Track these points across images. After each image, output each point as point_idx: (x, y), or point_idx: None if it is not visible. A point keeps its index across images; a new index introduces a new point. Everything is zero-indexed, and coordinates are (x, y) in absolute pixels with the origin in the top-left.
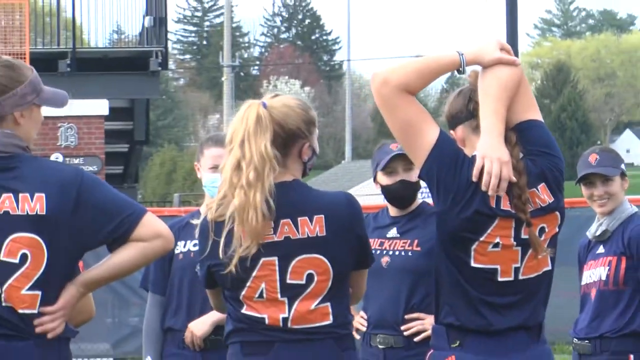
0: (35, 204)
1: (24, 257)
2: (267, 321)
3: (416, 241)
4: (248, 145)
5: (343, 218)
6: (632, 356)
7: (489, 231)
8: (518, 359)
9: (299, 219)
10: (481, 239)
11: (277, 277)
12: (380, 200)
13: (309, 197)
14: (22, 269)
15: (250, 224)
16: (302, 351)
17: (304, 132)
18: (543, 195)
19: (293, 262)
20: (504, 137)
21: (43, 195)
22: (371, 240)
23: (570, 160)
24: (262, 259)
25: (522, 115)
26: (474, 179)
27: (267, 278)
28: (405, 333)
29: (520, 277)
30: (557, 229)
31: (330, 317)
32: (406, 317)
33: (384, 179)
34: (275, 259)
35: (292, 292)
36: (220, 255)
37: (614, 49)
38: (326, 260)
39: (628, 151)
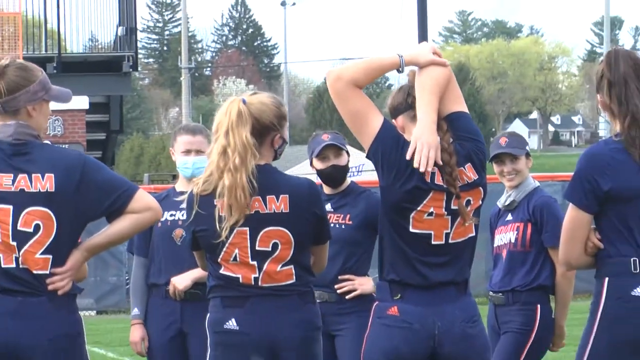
0: (45, 183)
1: (37, 227)
2: (241, 280)
3: (348, 215)
4: (232, 134)
5: (304, 199)
6: (539, 306)
7: (424, 202)
8: (449, 308)
9: (267, 197)
10: (418, 208)
11: (248, 244)
12: (315, 180)
13: (277, 180)
14: (36, 236)
15: (239, 201)
16: (272, 303)
17: (276, 125)
18: (469, 173)
19: (261, 233)
20: (437, 125)
21: (52, 175)
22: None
23: None
24: (237, 229)
25: (452, 107)
26: (408, 157)
27: (240, 245)
28: (338, 291)
29: (450, 241)
30: (480, 202)
31: (294, 277)
32: (340, 277)
33: (318, 164)
34: (247, 229)
35: (260, 257)
36: (205, 224)
37: (505, 52)
38: (289, 233)
39: None
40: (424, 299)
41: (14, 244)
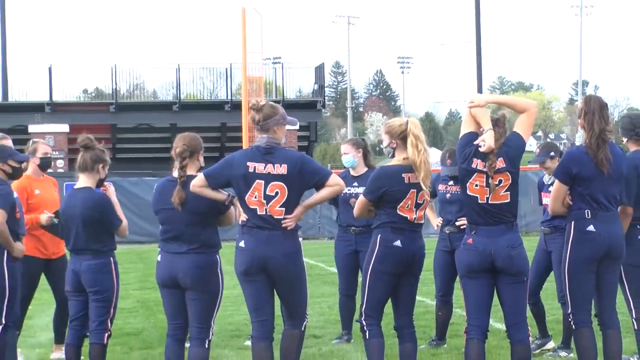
0: (282, 169)
1: (277, 193)
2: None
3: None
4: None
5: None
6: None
7: (473, 177)
8: (503, 239)
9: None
10: (470, 180)
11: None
12: None
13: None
14: (276, 198)
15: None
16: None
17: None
18: (500, 163)
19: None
20: (499, 134)
21: (286, 165)
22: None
23: None
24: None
25: (516, 128)
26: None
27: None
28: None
29: (490, 202)
30: (510, 182)
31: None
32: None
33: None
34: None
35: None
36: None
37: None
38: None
39: None
40: (487, 233)
41: (264, 201)
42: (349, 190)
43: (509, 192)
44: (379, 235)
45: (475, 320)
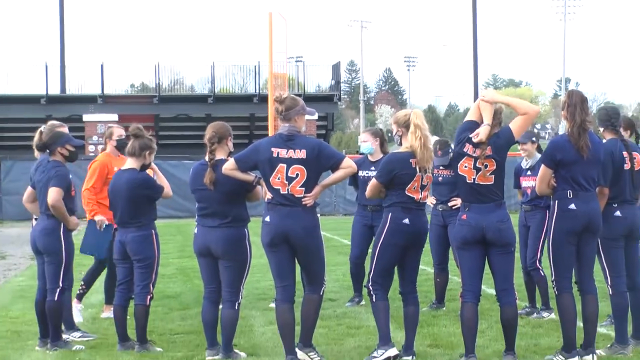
0: (301, 154)
1: (297, 174)
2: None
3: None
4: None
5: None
6: (547, 212)
7: (463, 159)
8: (493, 215)
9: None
10: (460, 162)
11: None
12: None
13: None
14: (296, 179)
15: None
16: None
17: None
18: (488, 151)
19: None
20: (497, 122)
21: (305, 150)
22: (363, 172)
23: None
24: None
25: (512, 126)
26: (470, 135)
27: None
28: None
29: (476, 182)
30: (495, 167)
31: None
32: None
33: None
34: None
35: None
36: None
37: (513, 94)
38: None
39: None
40: (479, 210)
41: (286, 182)
42: (367, 173)
43: (493, 175)
44: (390, 214)
45: (469, 286)
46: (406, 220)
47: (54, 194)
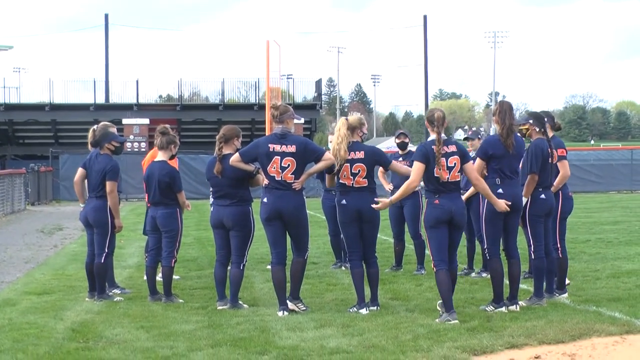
0: (292, 148)
1: (288, 165)
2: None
3: (408, 162)
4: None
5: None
6: (481, 197)
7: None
8: (459, 201)
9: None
10: (434, 167)
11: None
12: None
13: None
14: (288, 168)
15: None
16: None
17: (358, 126)
18: (452, 153)
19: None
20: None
21: (295, 145)
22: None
23: None
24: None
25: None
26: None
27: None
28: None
29: (449, 180)
30: (460, 165)
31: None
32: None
33: (396, 141)
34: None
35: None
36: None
37: (455, 105)
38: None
39: None
40: (447, 197)
41: (280, 171)
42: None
43: (460, 173)
44: (337, 196)
45: (440, 257)
46: (344, 202)
47: (110, 186)
